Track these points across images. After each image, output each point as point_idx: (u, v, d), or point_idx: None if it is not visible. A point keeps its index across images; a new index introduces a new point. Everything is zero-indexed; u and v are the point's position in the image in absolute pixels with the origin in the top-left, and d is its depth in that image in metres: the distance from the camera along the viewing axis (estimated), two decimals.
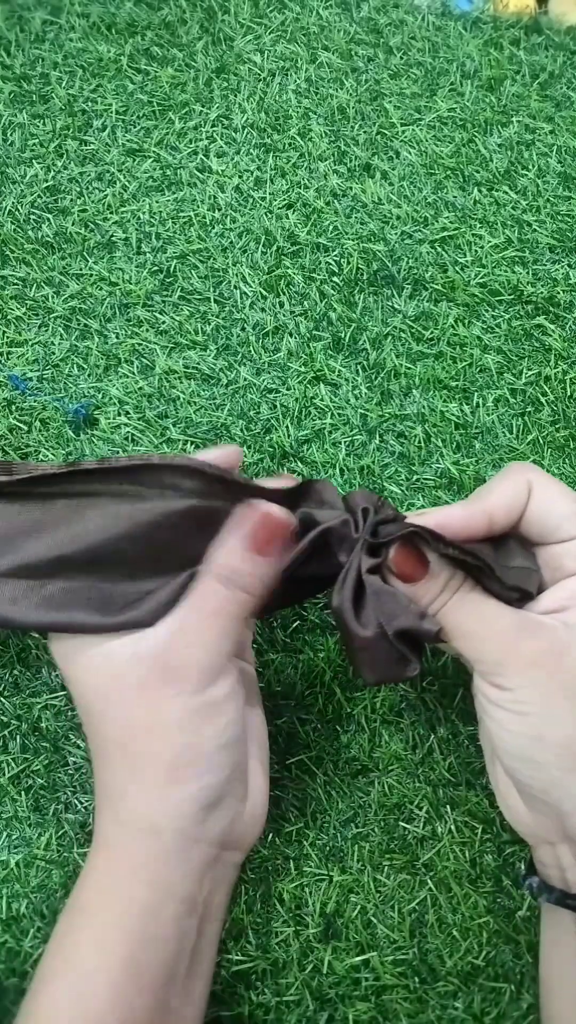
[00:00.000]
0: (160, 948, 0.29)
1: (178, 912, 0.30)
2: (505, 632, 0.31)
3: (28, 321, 0.45)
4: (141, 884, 0.30)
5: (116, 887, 0.30)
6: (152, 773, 0.30)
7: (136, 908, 0.29)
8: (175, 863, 0.30)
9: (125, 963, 0.28)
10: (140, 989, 0.28)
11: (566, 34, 0.54)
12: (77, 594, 0.31)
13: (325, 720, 0.40)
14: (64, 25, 0.51)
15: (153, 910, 0.29)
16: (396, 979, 0.36)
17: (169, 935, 0.29)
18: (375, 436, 0.44)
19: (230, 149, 0.49)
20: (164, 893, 0.30)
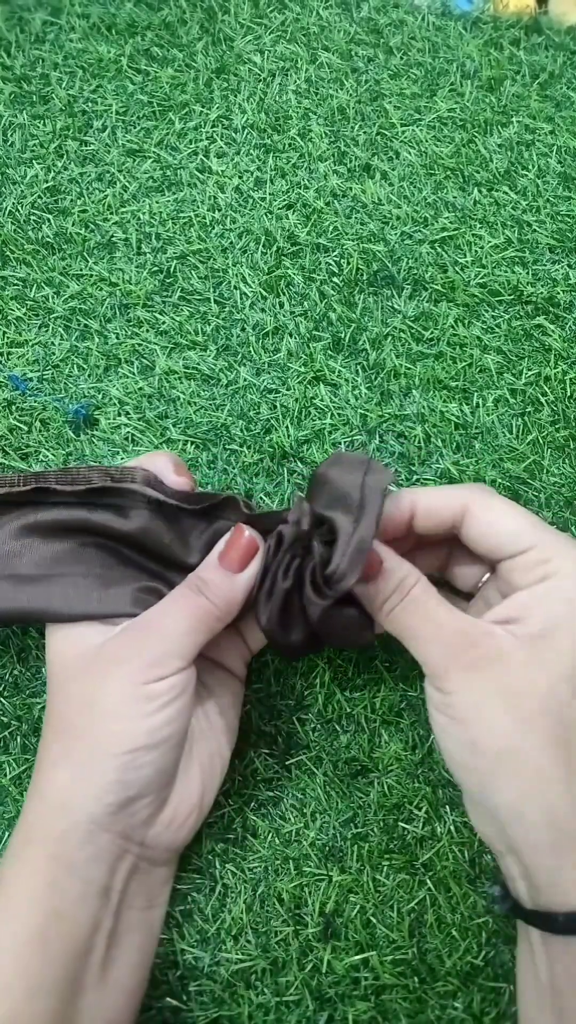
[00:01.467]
0: (67, 924, 0.30)
1: (84, 893, 0.30)
2: (450, 637, 0.32)
3: (28, 321, 0.45)
4: (47, 858, 0.30)
5: (26, 860, 0.30)
6: (78, 750, 0.31)
7: (40, 881, 0.30)
8: (81, 844, 0.30)
9: (31, 934, 0.29)
10: (47, 961, 0.29)
11: (566, 34, 0.54)
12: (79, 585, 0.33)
13: (325, 720, 0.40)
14: (64, 26, 0.51)
15: (58, 886, 0.30)
16: (395, 979, 0.36)
17: (76, 914, 0.30)
18: (375, 436, 0.44)
19: (230, 149, 0.49)
20: (69, 871, 0.30)
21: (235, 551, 0.33)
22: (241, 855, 0.38)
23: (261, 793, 0.39)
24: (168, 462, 0.35)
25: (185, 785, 0.33)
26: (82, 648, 0.32)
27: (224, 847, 0.38)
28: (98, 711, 0.31)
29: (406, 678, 0.40)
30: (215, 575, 0.33)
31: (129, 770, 0.30)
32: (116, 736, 0.31)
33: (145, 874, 0.33)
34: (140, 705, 0.31)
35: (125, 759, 0.30)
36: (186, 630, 0.32)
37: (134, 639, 0.32)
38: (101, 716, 0.31)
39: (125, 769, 0.30)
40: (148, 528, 0.33)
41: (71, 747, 0.31)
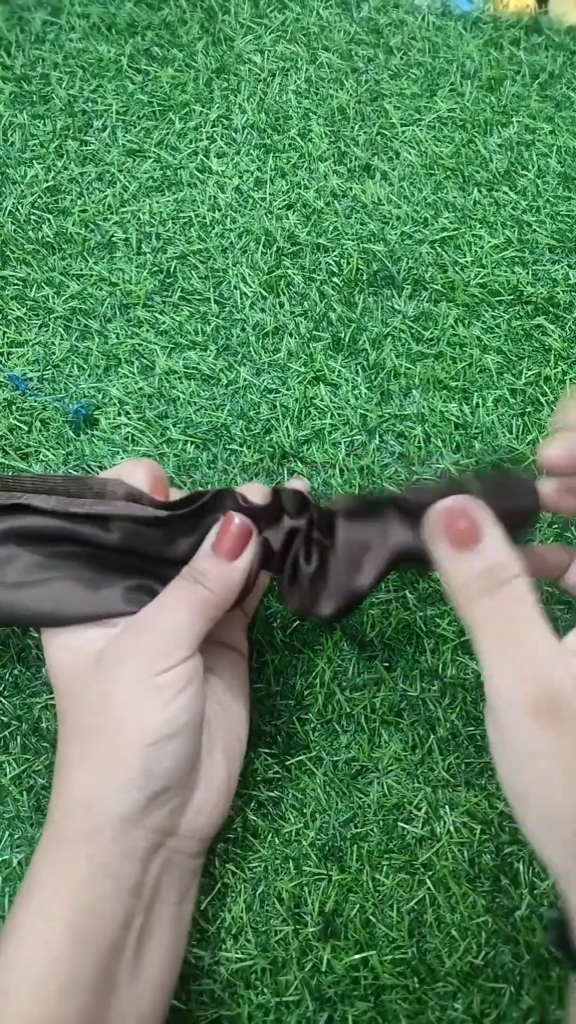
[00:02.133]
0: (101, 921, 0.30)
1: (118, 890, 0.30)
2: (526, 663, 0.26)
3: (28, 321, 0.45)
4: (80, 858, 0.30)
5: (58, 860, 0.31)
6: (98, 751, 0.31)
7: (74, 880, 0.30)
8: (112, 843, 0.30)
9: (65, 930, 0.29)
10: (81, 956, 0.29)
11: (566, 34, 0.54)
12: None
13: (325, 720, 0.40)
14: (64, 25, 0.51)
15: (91, 884, 0.30)
16: (395, 979, 0.36)
17: (109, 910, 0.30)
18: (375, 436, 0.44)
19: (230, 149, 0.49)
20: (102, 869, 0.30)
21: (228, 539, 0.33)
22: (241, 855, 0.38)
23: (261, 793, 0.39)
24: (144, 478, 0.35)
25: (211, 770, 0.33)
26: (83, 651, 0.32)
27: (224, 847, 0.38)
28: (112, 710, 0.31)
29: (406, 678, 0.40)
30: (210, 565, 0.33)
31: (152, 762, 0.30)
32: (134, 731, 0.31)
33: (178, 867, 0.33)
34: (152, 698, 0.31)
35: (147, 752, 0.30)
36: (187, 621, 0.32)
37: (136, 636, 0.32)
38: (115, 714, 0.31)
39: (148, 761, 0.30)
40: (131, 538, 0.34)
41: (89, 749, 0.31)
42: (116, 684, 0.31)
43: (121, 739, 0.31)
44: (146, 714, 0.31)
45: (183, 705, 0.31)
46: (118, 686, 0.31)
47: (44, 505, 0.33)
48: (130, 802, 0.30)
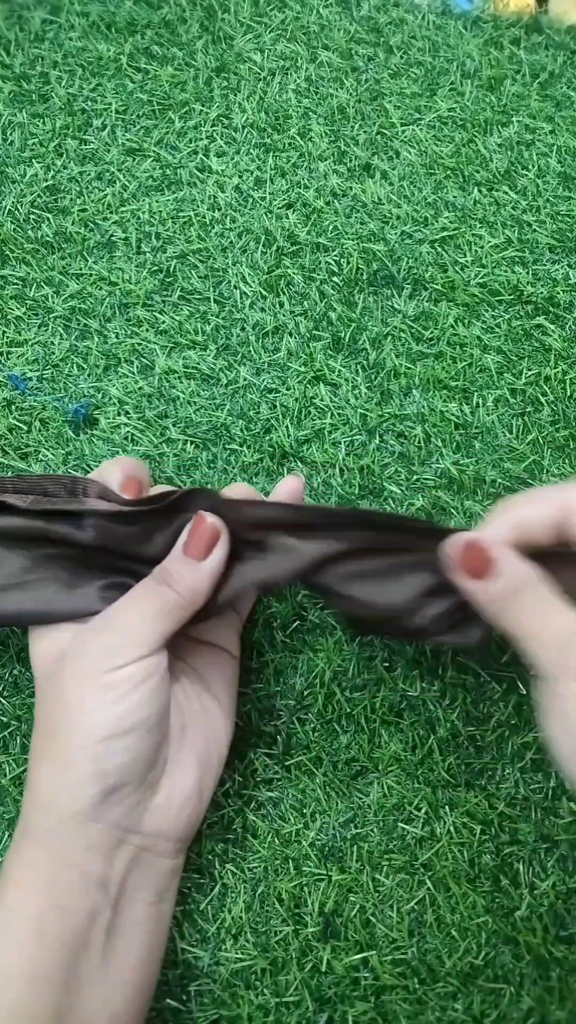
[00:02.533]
0: (65, 915, 0.30)
1: (82, 883, 0.31)
2: (563, 637, 0.30)
3: (28, 321, 0.45)
4: (41, 853, 0.31)
5: (22, 855, 0.31)
6: (53, 747, 0.31)
7: (38, 874, 0.30)
8: (72, 838, 0.31)
9: (30, 924, 0.30)
10: (47, 950, 0.29)
11: (566, 33, 0.53)
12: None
13: (325, 720, 0.40)
14: (64, 24, 0.51)
15: (54, 878, 0.30)
16: (395, 979, 0.36)
17: (74, 904, 0.30)
18: (375, 436, 0.44)
19: (230, 149, 0.49)
20: (63, 863, 0.31)
21: (197, 539, 0.33)
22: (241, 855, 0.38)
23: (261, 793, 0.39)
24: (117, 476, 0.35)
25: (178, 769, 0.33)
26: (56, 648, 0.33)
27: (224, 847, 0.38)
28: (65, 706, 0.31)
29: (406, 678, 0.40)
30: (179, 565, 0.33)
31: (103, 759, 0.31)
32: (85, 728, 0.31)
33: (149, 866, 0.33)
34: (101, 695, 0.31)
35: (97, 749, 0.31)
36: (148, 620, 0.32)
37: (93, 633, 0.32)
38: (68, 710, 0.31)
39: (99, 759, 0.31)
40: (105, 535, 0.34)
41: (48, 744, 0.32)
42: (70, 681, 0.32)
43: (73, 736, 0.31)
44: (96, 712, 0.31)
45: (136, 703, 0.31)
46: (71, 683, 0.32)
47: (20, 504, 0.34)
48: (82, 798, 0.31)
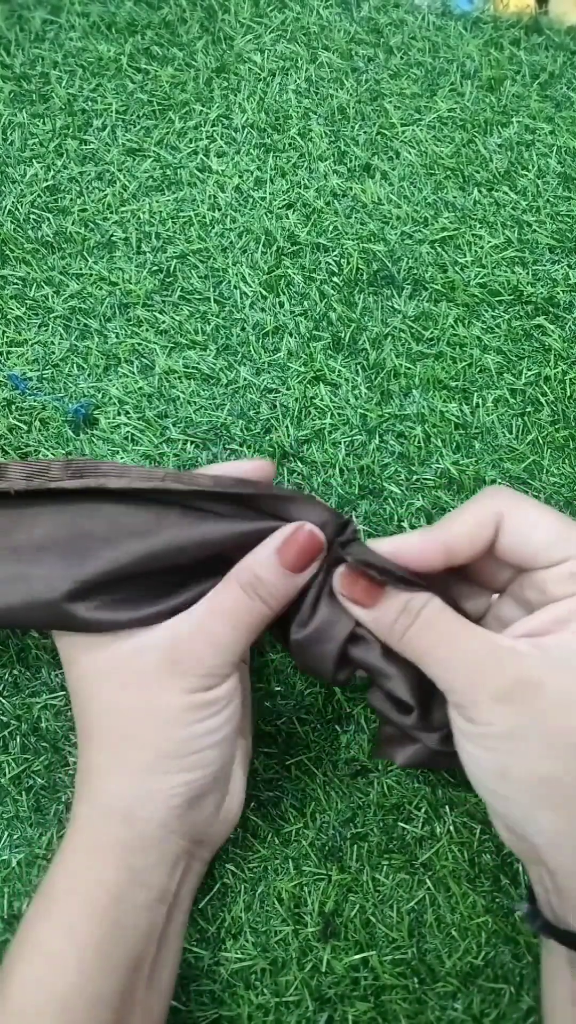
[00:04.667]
0: (128, 934, 0.29)
1: (147, 900, 0.30)
2: (475, 661, 0.29)
3: (28, 321, 0.45)
4: (110, 869, 0.30)
5: (85, 871, 0.30)
6: (138, 760, 0.30)
7: (104, 892, 0.29)
8: (147, 851, 0.30)
9: (93, 947, 0.29)
10: (107, 973, 0.29)
11: (566, 34, 0.54)
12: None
13: (325, 720, 0.40)
14: (64, 24, 0.51)
15: (121, 896, 0.29)
16: (395, 979, 0.36)
17: (137, 922, 0.30)
18: (375, 436, 0.44)
19: (230, 149, 0.49)
20: (133, 880, 0.30)
21: (298, 550, 0.31)
22: (241, 855, 0.38)
23: (261, 793, 0.39)
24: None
25: (235, 772, 0.33)
26: (117, 652, 0.31)
27: (224, 847, 0.38)
28: (158, 720, 0.30)
29: None
30: (274, 576, 0.31)
31: (196, 770, 0.30)
32: (180, 741, 0.30)
33: (195, 874, 0.33)
34: (202, 711, 0.31)
35: (191, 760, 0.30)
36: (241, 636, 0.31)
37: (185, 650, 0.31)
38: (162, 724, 0.30)
39: (192, 770, 0.30)
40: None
41: (127, 757, 0.31)
42: (163, 696, 0.30)
43: (165, 748, 0.30)
44: (192, 726, 0.30)
45: (227, 717, 0.31)
46: (166, 698, 0.30)
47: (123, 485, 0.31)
48: (171, 808, 0.30)
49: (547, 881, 0.31)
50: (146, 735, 0.30)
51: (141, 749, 0.30)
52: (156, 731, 0.30)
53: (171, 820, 0.30)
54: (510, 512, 0.31)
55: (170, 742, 0.30)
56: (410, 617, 0.30)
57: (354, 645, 0.32)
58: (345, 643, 0.32)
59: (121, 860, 0.30)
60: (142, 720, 0.30)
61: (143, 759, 0.30)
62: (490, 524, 0.31)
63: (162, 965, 0.31)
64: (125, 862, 0.30)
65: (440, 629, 0.30)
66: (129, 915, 0.30)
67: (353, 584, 0.31)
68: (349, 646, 0.32)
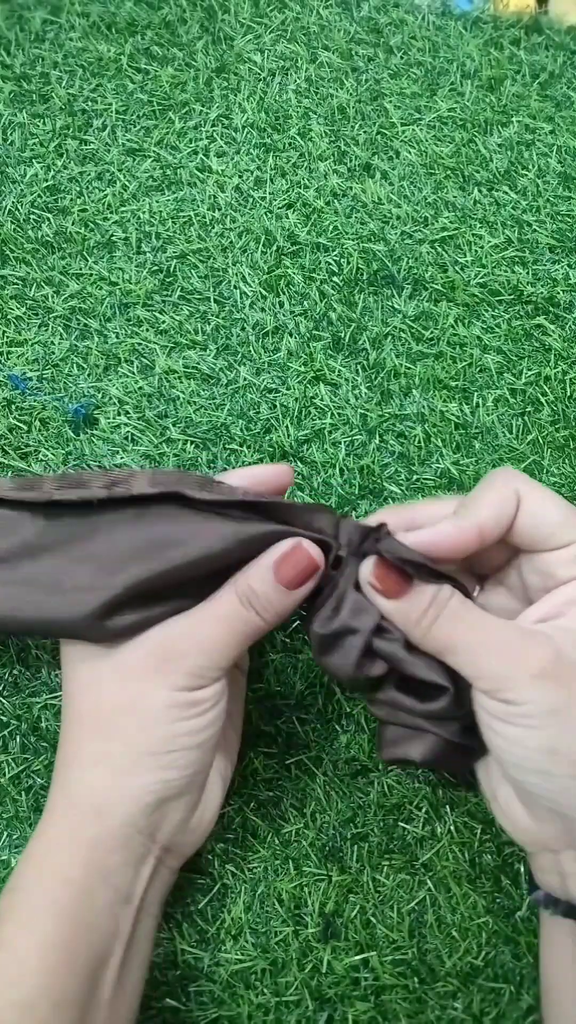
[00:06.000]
0: (93, 934, 0.29)
1: (112, 900, 0.30)
2: (506, 644, 0.30)
3: (28, 321, 0.45)
4: (77, 866, 0.30)
5: (52, 866, 0.30)
6: (117, 753, 0.31)
7: (70, 890, 0.29)
8: (114, 849, 0.30)
9: (58, 946, 0.29)
10: (72, 973, 0.29)
11: (566, 34, 0.54)
12: None
13: (325, 720, 0.40)
14: (64, 24, 0.51)
15: (87, 894, 0.29)
16: (395, 979, 0.36)
17: (102, 923, 0.30)
18: (375, 436, 0.44)
19: (230, 149, 0.49)
20: (99, 878, 0.30)
21: (293, 567, 0.31)
22: (241, 855, 0.38)
23: (261, 793, 0.39)
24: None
25: (210, 787, 0.33)
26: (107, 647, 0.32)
27: (224, 847, 0.38)
28: (140, 715, 0.30)
29: None
30: (270, 591, 0.31)
31: (172, 770, 0.30)
32: (160, 739, 0.30)
33: (162, 879, 0.33)
34: (183, 710, 0.31)
35: (168, 759, 0.30)
36: (232, 644, 0.31)
37: (177, 648, 0.31)
38: (144, 720, 0.30)
39: (166, 768, 0.30)
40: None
41: (111, 749, 0.31)
42: (149, 692, 0.31)
43: (145, 744, 0.30)
44: (174, 724, 0.30)
45: (210, 720, 0.31)
46: (152, 694, 0.30)
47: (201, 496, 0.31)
48: (141, 806, 0.30)
49: (567, 864, 0.31)
50: (126, 730, 0.31)
51: (120, 744, 0.31)
52: (137, 727, 0.30)
53: (139, 818, 0.30)
54: (525, 493, 0.31)
55: (150, 739, 0.30)
56: (438, 608, 0.30)
57: (377, 637, 0.32)
58: (371, 634, 0.32)
59: (87, 855, 0.30)
60: (124, 715, 0.31)
61: (121, 754, 0.31)
62: (512, 504, 0.31)
63: (129, 969, 0.31)
64: (90, 857, 0.30)
65: (467, 618, 0.30)
66: (94, 915, 0.29)
67: (385, 576, 0.31)
68: (373, 638, 0.32)
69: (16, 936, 0.29)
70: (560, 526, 0.31)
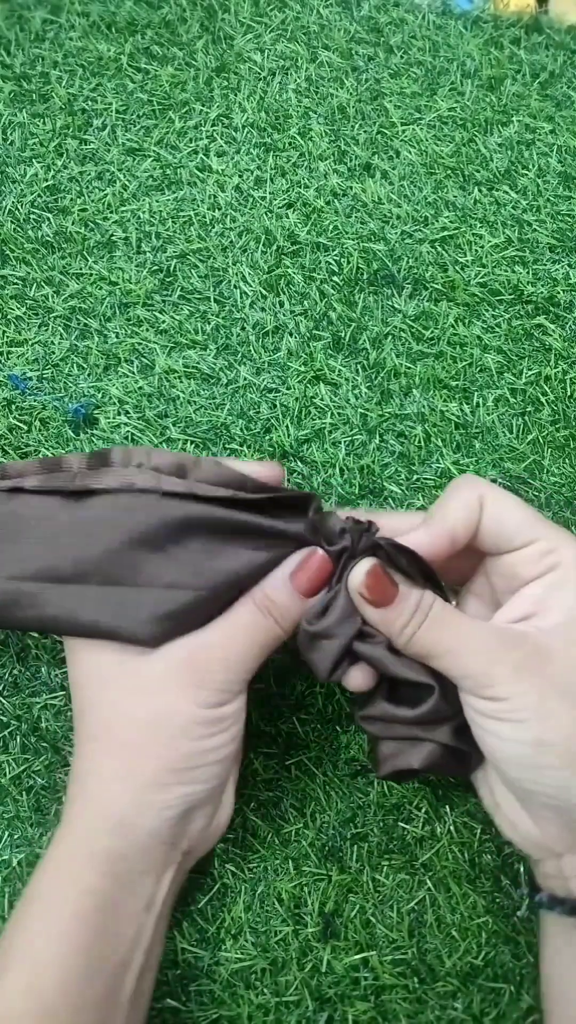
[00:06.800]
0: (117, 942, 0.30)
1: (137, 908, 0.30)
2: (487, 643, 0.31)
3: (28, 321, 0.45)
4: (98, 876, 0.30)
5: (76, 876, 0.30)
6: (141, 771, 0.30)
7: (94, 899, 0.29)
8: (136, 860, 0.30)
9: (80, 954, 0.29)
10: (93, 981, 0.29)
11: (566, 33, 0.53)
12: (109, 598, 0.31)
13: (325, 720, 0.40)
14: (64, 24, 0.51)
15: (112, 903, 0.30)
16: (395, 979, 0.36)
17: (124, 930, 0.30)
18: (375, 436, 0.44)
19: (230, 148, 0.49)
20: (124, 888, 0.30)
21: (310, 575, 0.32)
22: (241, 855, 0.38)
23: (261, 793, 0.39)
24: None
25: (228, 785, 0.34)
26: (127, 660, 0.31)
27: (224, 847, 0.38)
28: (165, 732, 0.30)
29: None
30: (287, 599, 0.32)
31: (196, 784, 0.31)
32: (184, 755, 0.30)
33: (179, 881, 0.33)
34: (209, 727, 0.31)
35: (192, 775, 0.31)
36: (254, 656, 0.32)
37: (200, 663, 0.31)
38: (169, 737, 0.30)
39: (191, 784, 0.31)
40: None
41: (135, 767, 0.31)
42: (173, 708, 0.30)
43: (168, 761, 0.30)
44: (198, 741, 0.31)
45: (232, 735, 0.32)
46: (175, 711, 0.30)
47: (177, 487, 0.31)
48: (164, 820, 0.30)
49: (568, 867, 0.32)
50: (151, 746, 0.30)
51: (144, 759, 0.30)
52: (162, 743, 0.30)
53: (163, 831, 0.30)
54: (487, 497, 0.32)
55: (175, 755, 0.30)
56: (422, 615, 0.31)
57: (360, 641, 0.32)
58: (350, 642, 0.32)
59: (110, 867, 0.30)
60: (148, 730, 0.31)
61: (145, 770, 0.30)
62: (477, 509, 0.32)
63: (147, 972, 0.31)
64: (114, 870, 0.30)
65: (449, 622, 0.31)
66: (117, 923, 0.30)
67: (375, 586, 0.31)
68: (355, 642, 0.32)
69: (38, 943, 0.29)
70: (521, 526, 0.32)
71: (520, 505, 0.33)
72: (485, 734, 0.31)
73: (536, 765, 0.30)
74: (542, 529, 0.32)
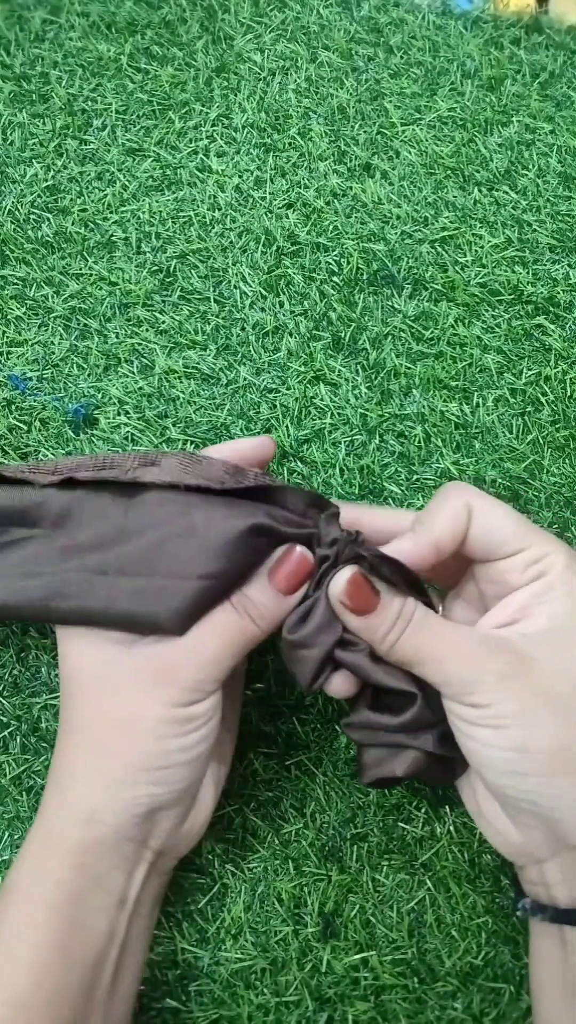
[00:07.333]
0: (87, 935, 0.30)
1: (105, 903, 0.30)
2: (470, 650, 0.31)
3: (28, 321, 0.45)
4: (69, 869, 0.30)
5: (47, 869, 0.30)
6: (110, 767, 0.31)
7: (63, 892, 0.30)
8: (105, 856, 0.30)
9: (51, 945, 0.29)
10: (65, 973, 0.29)
11: (566, 33, 0.53)
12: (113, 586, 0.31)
13: (325, 720, 0.40)
14: (64, 24, 0.51)
15: (79, 897, 0.30)
16: (395, 979, 0.36)
17: (96, 924, 0.30)
18: (375, 436, 0.44)
19: (230, 149, 0.49)
20: (91, 882, 0.30)
21: (288, 572, 0.32)
22: (241, 855, 0.38)
23: (261, 793, 0.39)
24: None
25: (203, 792, 0.33)
26: (109, 656, 0.31)
27: (224, 847, 0.38)
28: (134, 730, 0.31)
29: None
30: (265, 598, 0.32)
31: (162, 784, 0.31)
32: (152, 755, 0.30)
33: (156, 879, 0.33)
34: (177, 727, 0.31)
35: (160, 775, 0.30)
36: (228, 656, 0.31)
37: (173, 662, 0.31)
38: (138, 735, 0.30)
39: (159, 784, 0.31)
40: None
41: (105, 765, 0.31)
42: (144, 707, 0.31)
43: (137, 760, 0.30)
44: (167, 741, 0.31)
45: (203, 736, 0.31)
46: (146, 710, 0.30)
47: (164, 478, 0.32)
48: (131, 816, 0.30)
49: (556, 872, 0.31)
50: (120, 744, 0.31)
51: (112, 757, 0.31)
52: (130, 742, 0.30)
53: (129, 828, 0.30)
54: (476, 505, 0.32)
55: (141, 755, 0.30)
56: (404, 622, 0.31)
57: (341, 649, 0.32)
58: (331, 650, 0.32)
59: (78, 861, 0.30)
60: (118, 728, 0.31)
61: (115, 767, 0.31)
62: (464, 518, 0.32)
63: (124, 970, 0.31)
64: (82, 863, 0.30)
65: (431, 629, 0.31)
66: (86, 916, 0.30)
67: (356, 594, 0.31)
68: (337, 650, 0.32)
69: (11, 935, 0.29)
70: (510, 535, 0.32)
71: (509, 513, 0.33)
72: (468, 740, 0.31)
73: (518, 771, 0.30)
74: (531, 537, 0.32)
